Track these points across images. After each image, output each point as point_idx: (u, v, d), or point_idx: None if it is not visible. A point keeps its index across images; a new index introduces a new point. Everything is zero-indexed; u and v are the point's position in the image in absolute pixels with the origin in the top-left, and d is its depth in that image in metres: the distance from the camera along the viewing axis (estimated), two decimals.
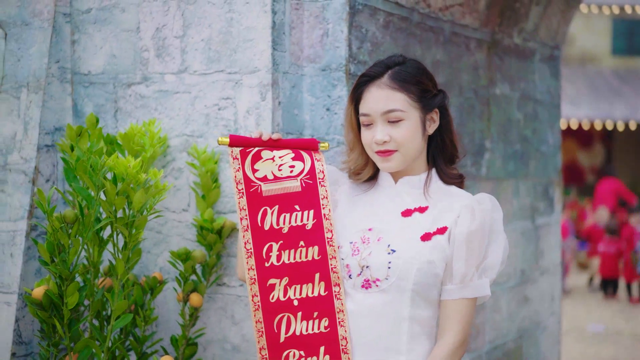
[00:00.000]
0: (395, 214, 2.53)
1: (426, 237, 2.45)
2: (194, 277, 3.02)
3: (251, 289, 2.53)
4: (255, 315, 2.53)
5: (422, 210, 2.52)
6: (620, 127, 20.59)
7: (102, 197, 2.74)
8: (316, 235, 2.53)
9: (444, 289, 2.47)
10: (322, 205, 2.55)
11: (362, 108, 2.50)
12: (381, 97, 2.47)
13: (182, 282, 2.96)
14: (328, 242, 2.53)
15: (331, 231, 2.54)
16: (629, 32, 22.09)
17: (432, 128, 2.54)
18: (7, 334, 3.02)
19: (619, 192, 16.63)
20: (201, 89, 3.06)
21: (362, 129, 2.52)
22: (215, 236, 2.94)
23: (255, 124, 2.97)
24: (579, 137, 22.11)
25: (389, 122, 2.47)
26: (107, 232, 2.94)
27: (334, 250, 2.53)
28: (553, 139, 4.67)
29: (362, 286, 2.47)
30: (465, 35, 3.73)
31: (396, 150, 2.48)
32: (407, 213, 2.51)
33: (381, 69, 2.50)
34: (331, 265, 2.52)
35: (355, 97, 2.53)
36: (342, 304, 2.50)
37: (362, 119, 2.51)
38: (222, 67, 3.03)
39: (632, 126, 20.45)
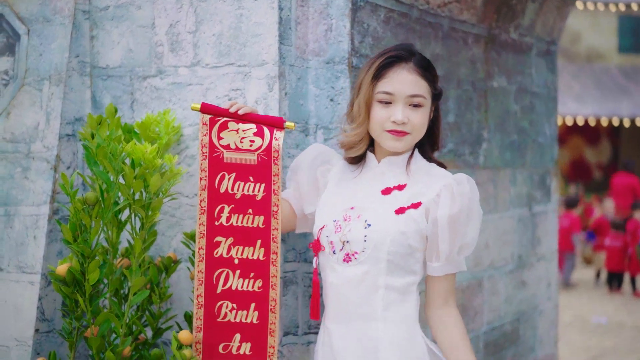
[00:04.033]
0: (376, 193, 2.70)
1: (400, 210, 2.62)
2: None
3: (199, 242, 2.81)
4: (198, 266, 2.81)
5: (400, 187, 2.68)
6: (627, 124, 20.68)
7: (121, 180, 2.93)
8: (264, 207, 2.80)
9: (430, 265, 2.66)
10: (273, 181, 2.81)
11: (385, 86, 2.62)
12: (410, 81, 2.61)
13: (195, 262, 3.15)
14: (273, 214, 2.80)
15: (277, 205, 2.80)
16: (635, 29, 22.14)
17: (429, 120, 2.71)
18: (31, 311, 3.18)
19: (634, 189, 16.66)
20: (212, 81, 3.23)
21: (377, 106, 2.64)
22: None
23: (263, 114, 3.15)
24: (586, 133, 22.19)
25: (409, 105, 2.61)
26: (124, 215, 3.12)
27: (277, 223, 2.78)
28: (550, 130, 4.83)
29: (344, 260, 2.65)
30: (463, 31, 3.90)
31: (409, 133, 2.63)
32: (386, 191, 2.68)
33: (407, 53, 2.64)
34: (272, 235, 2.79)
35: (378, 75, 2.65)
36: (276, 270, 2.78)
37: (382, 96, 2.63)
38: (232, 60, 3.20)
39: (638, 122, 20.53)
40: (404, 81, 2.62)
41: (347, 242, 2.65)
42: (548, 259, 4.84)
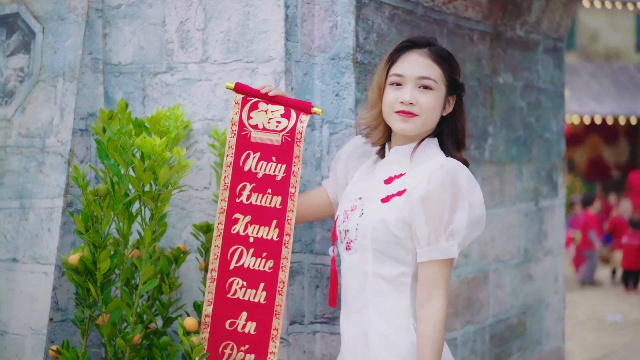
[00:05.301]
0: (380, 182, 2.74)
1: (386, 199, 2.65)
2: None
3: (218, 217, 2.90)
4: (215, 240, 2.90)
5: (400, 177, 2.71)
6: None
7: (131, 173, 3.02)
8: (283, 188, 2.87)
9: (417, 252, 2.61)
10: (294, 163, 2.88)
11: (397, 69, 2.69)
12: (421, 64, 2.67)
13: (204, 253, 3.23)
14: (291, 196, 2.86)
15: (295, 187, 2.86)
16: None
17: (446, 110, 2.74)
18: (45, 301, 3.27)
19: None
20: (221, 77, 3.31)
21: (389, 88, 2.70)
22: None
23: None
24: (604, 132, 22.14)
25: (419, 87, 2.66)
26: (135, 208, 3.20)
27: (294, 205, 2.84)
28: (557, 126, 4.88)
29: (346, 248, 2.72)
30: (468, 28, 3.96)
31: (417, 115, 2.66)
32: (388, 180, 2.72)
33: (423, 40, 2.71)
34: (288, 217, 2.86)
35: (392, 59, 2.72)
36: (288, 252, 2.84)
37: (393, 78, 2.69)
38: (239, 56, 3.28)
39: None
40: (414, 63, 2.68)
41: (347, 230, 2.73)
42: (555, 254, 4.89)
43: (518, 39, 4.39)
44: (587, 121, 20.50)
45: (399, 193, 2.64)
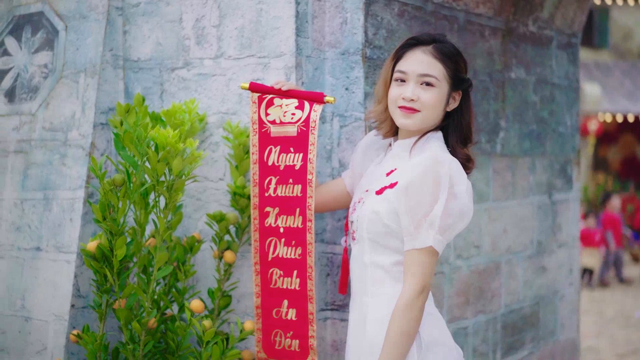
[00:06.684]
0: (383, 175, 2.83)
1: (380, 191, 2.74)
2: (228, 237, 3.40)
3: (253, 213, 3.05)
4: (253, 235, 3.04)
5: (396, 170, 2.79)
6: None
7: (147, 164, 3.14)
8: (301, 176, 2.97)
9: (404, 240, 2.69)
10: (310, 150, 2.98)
11: (401, 66, 2.79)
12: (423, 61, 2.76)
13: (218, 241, 3.34)
14: (309, 183, 2.96)
15: (312, 174, 2.96)
16: None
17: (451, 106, 2.82)
18: (67, 288, 3.41)
19: None
20: (235, 72, 3.43)
21: (393, 84, 2.80)
22: (246, 200, 3.29)
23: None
24: (638, 131, 21.99)
25: (421, 84, 2.75)
26: (151, 198, 3.32)
27: (312, 191, 2.94)
28: (571, 121, 4.93)
29: (352, 238, 2.83)
30: (479, 23, 4.03)
31: (419, 111, 2.75)
32: (389, 173, 2.81)
33: (429, 38, 2.81)
34: (308, 203, 2.96)
35: (397, 56, 2.82)
36: (312, 238, 2.95)
37: (397, 75, 2.79)
38: (252, 52, 3.39)
39: None
40: (417, 61, 2.77)
41: (352, 222, 2.84)
42: (569, 246, 4.94)
43: (531, 34, 4.45)
44: (620, 119, 20.39)
45: (392, 185, 2.72)
